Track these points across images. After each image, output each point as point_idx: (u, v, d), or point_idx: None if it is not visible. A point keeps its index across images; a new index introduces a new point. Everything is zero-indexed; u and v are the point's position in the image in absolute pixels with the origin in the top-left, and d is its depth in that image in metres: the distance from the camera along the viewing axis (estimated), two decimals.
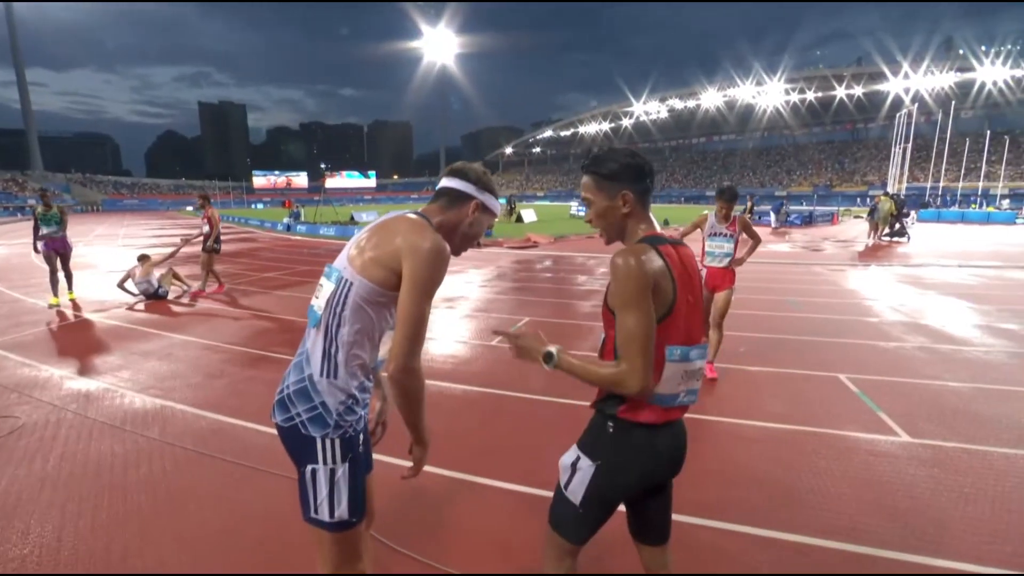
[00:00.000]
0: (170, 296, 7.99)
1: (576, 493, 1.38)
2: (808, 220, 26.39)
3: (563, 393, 3.96)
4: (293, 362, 1.39)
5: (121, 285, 7.80)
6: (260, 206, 72.31)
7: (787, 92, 69.90)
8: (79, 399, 4.01)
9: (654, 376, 1.28)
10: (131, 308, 7.29)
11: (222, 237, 8.62)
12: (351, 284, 1.29)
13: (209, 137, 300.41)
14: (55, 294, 7.38)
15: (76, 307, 7.27)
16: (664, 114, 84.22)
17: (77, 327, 6.30)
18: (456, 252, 1.44)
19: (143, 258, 8.01)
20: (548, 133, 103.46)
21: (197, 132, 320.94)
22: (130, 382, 4.34)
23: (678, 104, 79.54)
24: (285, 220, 26.44)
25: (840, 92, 65.83)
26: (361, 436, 1.41)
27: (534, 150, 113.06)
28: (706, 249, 4.47)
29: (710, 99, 74.96)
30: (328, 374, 1.31)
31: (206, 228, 8.18)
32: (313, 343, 1.34)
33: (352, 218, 27.80)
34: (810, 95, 68.80)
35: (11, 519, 2.50)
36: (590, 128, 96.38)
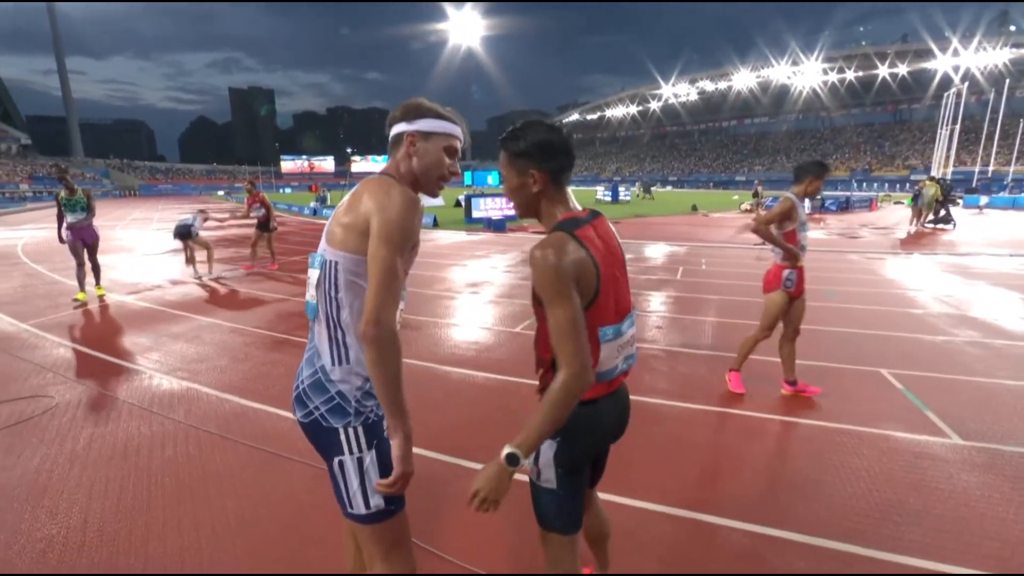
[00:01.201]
0: (182, 277, 8.14)
1: (550, 478, 1.39)
2: (844, 206, 25.39)
3: None
4: (304, 357, 1.35)
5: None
6: (288, 190, 73.48)
7: (825, 72, 67.03)
8: (110, 380, 4.08)
9: (593, 360, 1.28)
10: (164, 288, 7.45)
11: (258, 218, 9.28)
12: (336, 263, 1.25)
13: (239, 122, 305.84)
14: (82, 288, 6.77)
15: (103, 302, 6.68)
16: (694, 96, 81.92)
17: (111, 309, 6.45)
18: (432, 192, 1.38)
19: (201, 212, 8.98)
20: (575, 117, 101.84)
21: (228, 118, 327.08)
22: (158, 363, 4.41)
23: (709, 86, 77.22)
24: (312, 204, 26.78)
25: (883, 71, 62.82)
26: (385, 421, 1.34)
27: None
28: (801, 244, 3.53)
29: (743, 80, 72.53)
30: (339, 360, 1.27)
31: (262, 211, 9.13)
32: (319, 335, 1.30)
33: None
34: (850, 75, 65.81)
35: (41, 498, 2.54)
36: (617, 111, 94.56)
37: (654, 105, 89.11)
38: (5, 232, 16.84)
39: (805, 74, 67.61)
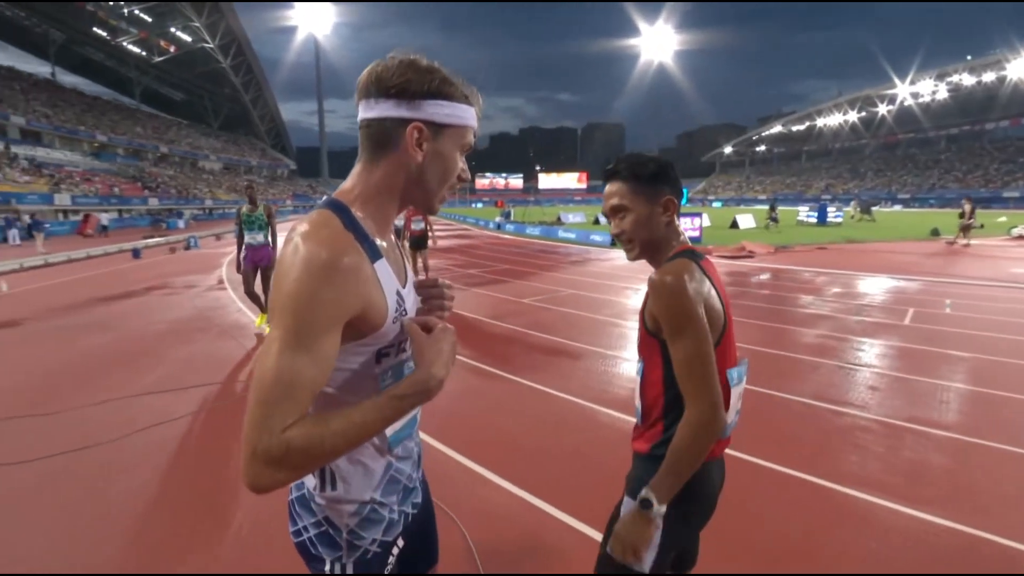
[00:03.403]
0: None
1: (644, 560, 1.18)
2: None
3: (770, 454, 3.08)
4: None
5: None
6: (479, 205, 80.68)
7: None
8: None
9: None
10: None
11: (429, 232, 8.93)
12: None
13: None
14: (263, 309, 6.03)
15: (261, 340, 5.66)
16: (942, 94, 66.90)
17: None
18: (433, 208, 0.97)
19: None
20: (776, 128, 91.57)
21: None
22: None
23: (966, 79, 62.19)
24: (497, 219, 28.60)
25: None
26: (397, 546, 1.02)
27: (758, 148, 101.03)
28: None
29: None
30: (324, 485, 0.93)
31: (422, 224, 8.70)
32: None
33: (559, 219, 28.67)
34: None
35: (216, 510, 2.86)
36: (831, 119, 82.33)
37: (882, 109, 75.21)
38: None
39: None
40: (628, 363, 4.96)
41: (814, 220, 26.85)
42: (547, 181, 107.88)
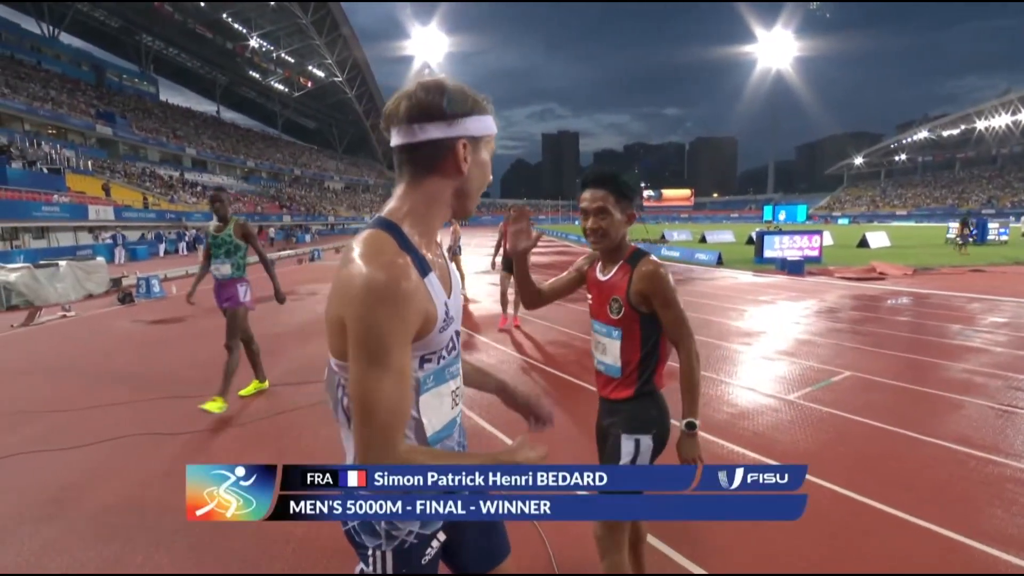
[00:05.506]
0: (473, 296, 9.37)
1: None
2: None
3: (892, 498, 2.73)
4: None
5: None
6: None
7: None
8: None
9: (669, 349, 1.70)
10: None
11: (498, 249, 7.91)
12: (335, 370, 0.98)
13: (548, 163, 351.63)
14: (222, 390, 4.03)
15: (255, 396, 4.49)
16: None
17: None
18: (470, 214, 1.04)
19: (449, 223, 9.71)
20: (922, 134, 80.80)
21: (539, 159, 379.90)
22: None
23: None
24: None
25: None
26: (437, 539, 1.07)
27: (896, 158, 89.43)
28: None
29: None
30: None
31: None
32: (345, 440, 1.05)
33: (663, 236, 27.77)
34: None
35: None
36: (996, 121, 70.87)
37: None
38: None
39: None
40: (725, 385, 4.67)
41: (970, 239, 23.17)
42: (653, 198, 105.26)
